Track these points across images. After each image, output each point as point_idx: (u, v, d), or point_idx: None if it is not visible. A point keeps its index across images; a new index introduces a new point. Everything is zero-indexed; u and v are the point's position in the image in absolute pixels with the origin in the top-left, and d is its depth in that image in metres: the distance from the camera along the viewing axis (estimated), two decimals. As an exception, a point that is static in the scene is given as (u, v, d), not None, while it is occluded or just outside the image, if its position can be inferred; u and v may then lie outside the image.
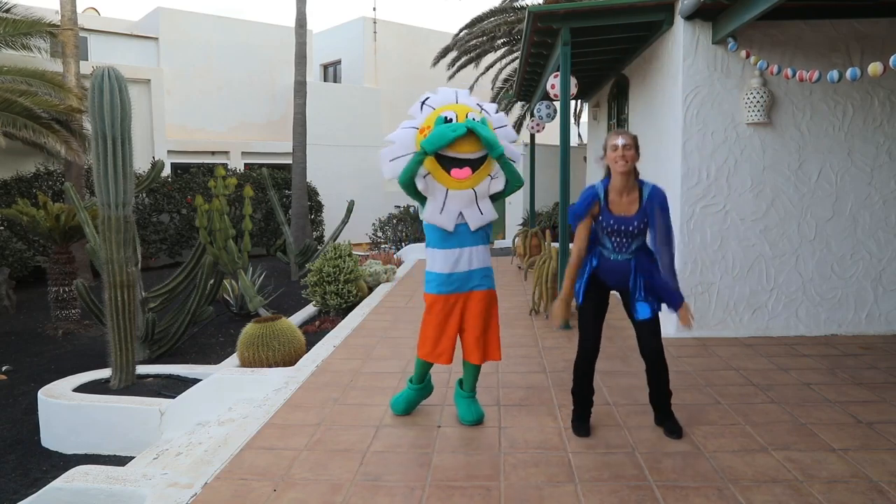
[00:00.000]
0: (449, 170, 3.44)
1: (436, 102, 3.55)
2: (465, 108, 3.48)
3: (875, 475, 3.01)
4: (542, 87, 8.66)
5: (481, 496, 2.89)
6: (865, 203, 5.59)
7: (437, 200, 3.49)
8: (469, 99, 3.60)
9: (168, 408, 4.67)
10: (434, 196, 3.49)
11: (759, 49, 5.37)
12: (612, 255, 3.39)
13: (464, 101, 3.56)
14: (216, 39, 16.61)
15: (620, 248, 3.37)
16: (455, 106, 3.49)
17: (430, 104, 3.55)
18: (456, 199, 3.48)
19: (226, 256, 9.34)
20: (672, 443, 3.41)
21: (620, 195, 3.32)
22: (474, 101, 3.59)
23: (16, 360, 7.30)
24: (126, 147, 5.51)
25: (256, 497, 2.93)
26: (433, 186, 3.49)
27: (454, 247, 3.53)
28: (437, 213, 3.49)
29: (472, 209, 3.52)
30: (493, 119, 3.58)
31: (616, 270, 3.40)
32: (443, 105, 3.52)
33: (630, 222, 3.30)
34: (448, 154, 3.41)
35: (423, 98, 3.60)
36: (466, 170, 3.44)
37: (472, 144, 3.40)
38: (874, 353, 5.07)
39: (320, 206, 16.25)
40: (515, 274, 9.77)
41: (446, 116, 3.41)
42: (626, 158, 3.23)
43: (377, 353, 5.33)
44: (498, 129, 3.57)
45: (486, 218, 3.57)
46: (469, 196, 3.49)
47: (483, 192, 3.54)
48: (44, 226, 8.64)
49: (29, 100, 9.99)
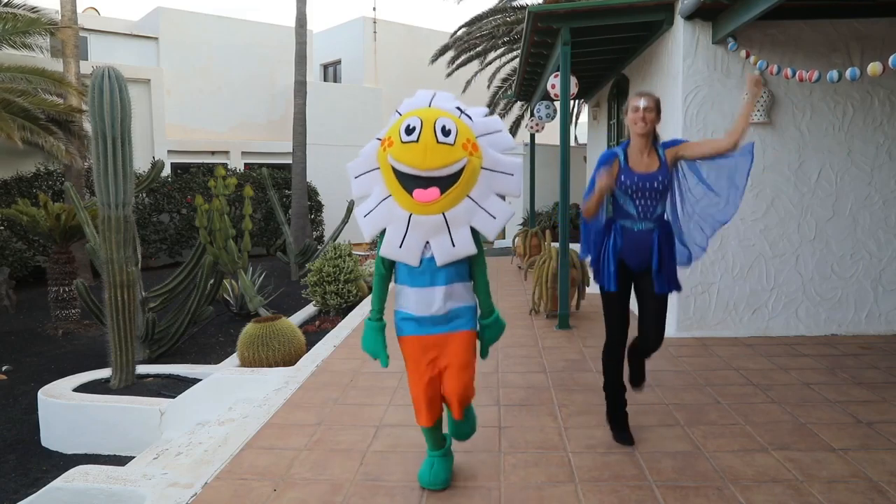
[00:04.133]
0: (411, 190, 2.68)
1: (405, 108, 2.82)
2: (436, 112, 2.72)
3: (875, 475, 3.01)
4: (542, 87, 8.67)
5: (481, 496, 2.89)
6: (865, 203, 5.59)
7: (398, 229, 2.75)
8: (448, 102, 2.85)
9: (168, 408, 4.67)
10: (394, 223, 2.76)
11: (759, 49, 5.37)
12: (637, 225, 3.28)
13: (439, 105, 2.81)
14: (216, 39, 16.60)
15: (645, 213, 3.26)
16: (422, 111, 2.74)
17: (400, 110, 2.84)
18: (421, 227, 2.73)
19: (226, 256, 9.33)
20: (672, 443, 3.41)
21: (640, 155, 3.29)
22: (454, 105, 2.83)
23: (16, 360, 7.30)
24: (126, 147, 5.51)
25: (256, 497, 2.93)
26: (392, 209, 2.76)
27: (426, 285, 2.82)
28: (396, 247, 2.76)
29: (442, 238, 2.75)
30: (477, 126, 2.81)
31: (640, 246, 3.28)
32: (410, 110, 2.79)
33: (654, 178, 3.24)
34: (405, 170, 2.67)
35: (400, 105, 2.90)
36: (433, 190, 2.66)
37: (437, 156, 2.62)
38: (874, 353, 5.07)
39: (320, 206, 16.25)
40: (515, 274, 9.77)
41: (408, 125, 2.67)
42: (645, 120, 3.21)
43: (377, 353, 5.33)
44: (483, 137, 2.81)
45: (460, 251, 2.77)
46: (437, 222, 2.72)
47: (460, 218, 2.75)
48: (44, 226, 8.64)
49: (28, 100, 9.98)
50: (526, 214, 12.98)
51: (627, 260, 3.33)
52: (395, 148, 2.69)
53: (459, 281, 2.87)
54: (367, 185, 2.86)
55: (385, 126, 2.88)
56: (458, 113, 2.79)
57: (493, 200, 2.82)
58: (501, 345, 5.49)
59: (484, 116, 2.90)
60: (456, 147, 2.66)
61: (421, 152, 2.63)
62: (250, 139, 17.05)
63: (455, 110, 2.80)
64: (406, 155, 2.66)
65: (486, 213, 2.80)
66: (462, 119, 2.77)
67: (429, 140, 2.63)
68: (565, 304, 6.11)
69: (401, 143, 2.67)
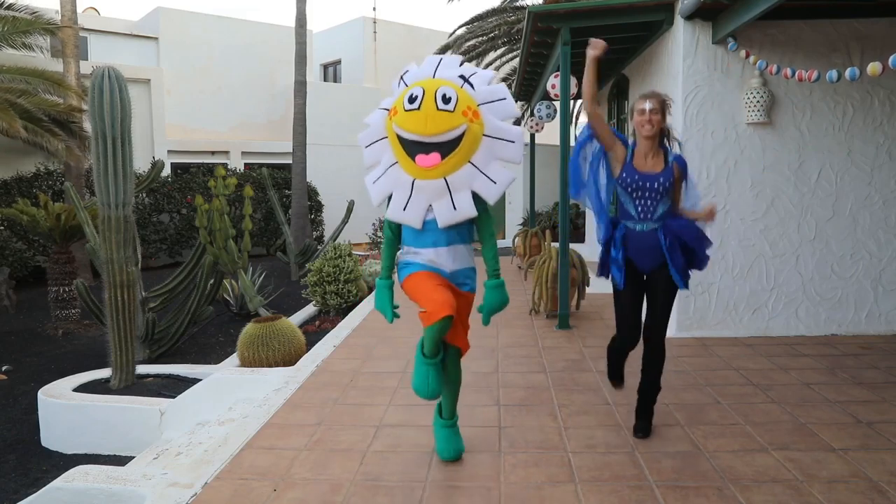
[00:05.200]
0: (414, 155, 2.85)
1: (411, 77, 2.99)
2: (438, 82, 2.86)
3: (875, 475, 3.01)
4: (542, 87, 8.66)
5: (481, 496, 2.89)
6: (865, 203, 5.59)
7: (403, 193, 2.93)
8: (452, 69, 2.98)
9: (168, 408, 4.68)
10: (399, 187, 2.94)
11: (759, 49, 5.37)
12: (638, 226, 3.30)
13: (443, 73, 2.95)
14: (216, 39, 16.60)
15: (646, 214, 3.27)
16: (426, 81, 2.89)
17: (405, 79, 3.00)
18: (424, 191, 2.89)
19: (226, 256, 9.33)
20: (672, 443, 3.41)
21: (646, 158, 3.31)
22: (457, 73, 2.96)
23: (16, 360, 7.30)
24: (126, 147, 5.51)
25: (256, 497, 2.93)
26: (398, 175, 2.94)
27: (429, 246, 3.00)
28: (401, 210, 2.94)
29: (444, 202, 2.90)
30: (480, 94, 2.93)
31: (645, 246, 3.29)
32: (416, 80, 2.95)
33: (656, 178, 3.25)
34: (407, 137, 2.84)
35: (404, 71, 3.06)
36: (434, 155, 2.82)
37: (437, 122, 2.77)
38: (874, 353, 5.07)
39: (320, 206, 16.24)
40: (515, 274, 9.77)
41: (411, 95, 2.83)
42: (652, 123, 3.24)
43: (377, 353, 5.33)
44: (486, 105, 2.92)
45: (461, 214, 2.92)
46: (439, 186, 2.88)
47: (461, 182, 2.90)
48: (44, 226, 8.64)
49: (29, 101, 9.98)
50: (526, 214, 12.98)
51: (635, 260, 3.36)
52: (399, 116, 2.87)
53: (461, 242, 3.05)
54: (376, 154, 3.06)
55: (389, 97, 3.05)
56: (460, 82, 2.93)
57: (495, 166, 2.96)
58: (501, 345, 5.49)
59: (489, 83, 3.00)
60: (456, 114, 2.80)
61: (422, 119, 2.79)
62: (250, 139, 17.05)
63: (458, 79, 2.94)
64: (409, 122, 2.82)
65: (486, 178, 2.94)
66: (465, 88, 2.91)
67: (429, 107, 2.79)
68: (565, 304, 6.11)
69: (404, 112, 2.84)
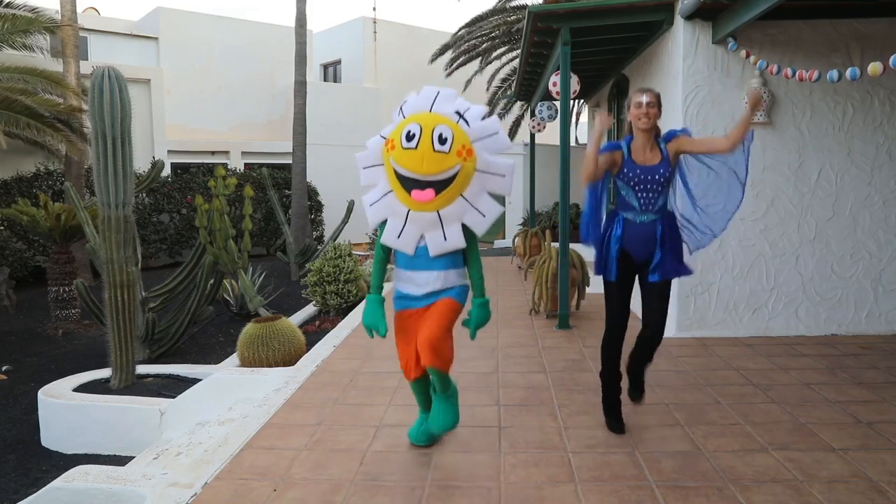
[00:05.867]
0: (409, 190, 2.99)
1: (409, 108, 3.10)
2: (435, 120, 2.96)
3: (875, 475, 3.01)
4: (543, 87, 8.66)
5: (481, 496, 2.89)
6: (865, 203, 5.59)
7: (397, 221, 3.08)
8: (449, 104, 3.07)
9: (168, 408, 4.67)
10: (394, 216, 3.09)
11: (759, 49, 5.37)
12: (639, 217, 3.35)
13: (440, 109, 3.04)
14: (216, 39, 16.60)
15: (647, 206, 3.33)
16: (422, 117, 3.00)
17: (404, 110, 3.12)
18: (417, 222, 3.06)
19: (226, 256, 9.33)
20: (672, 443, 3.41)
21: (643, 150, 3.36)
22: (454, 107, 3.06)
23: (16, 360, 7.30)
24: (126, 147, 5.51)
25: (256, 497, 2.93)
26: (393, 204, 3.09)
27: (421, 269, 3.14)
28: (395, 237, 3.11)
29: (435, 233, 3.06)
30: (473, 131, 3.03)
31: (642, 237, 3.35)
32: (414, 112, 3.06)
33: (656, 170, 3.31)
34: (404, 174, 2.97)
35: (403, 101, 3.16)
36: (429, 191, 2.96)
37: (433, 163, 2.90)
38: (874, 353, 5.07)
39: (320, 206, 16.24)
40: (515, 274, 9.77)
41: (409, 132, 2.95)
42: (648, 116, 3.29)
43: (377, 353, 5.33)
44: (479, 142, 3.03)
45: (451, 245, 3.07)
46: (432, 219, 3.04)
47: (453, 216, 3.05)
48: (44, 225, 8.64)
49: (30, 99, 9.99)
50: (526, 214, 12.98)
51: (631, 251, 3.39)
52: (396, 152, 2.99)
53: (454, 268, 3.18)
54: (373, 177, 3.21)
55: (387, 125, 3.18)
56: (456, 118, 3.03)
57: (485, 199, 3.13)
58: (501, 345, 5.49)
59: (482, 118, 3.11)
60: (451, 154, 2.94)
61: (419, 159, 2.92)
62: (250, 139, 17.05)
63: (454, 115, 3.04)
64: (405, 160, 2.95)
65: (477, 211, 3.12)
66: (460, 124, 3.02)
67: (426, 148, 2.92)
68: (565, 304, 6.11)
69: (401, 149, 2.96)
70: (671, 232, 3.39)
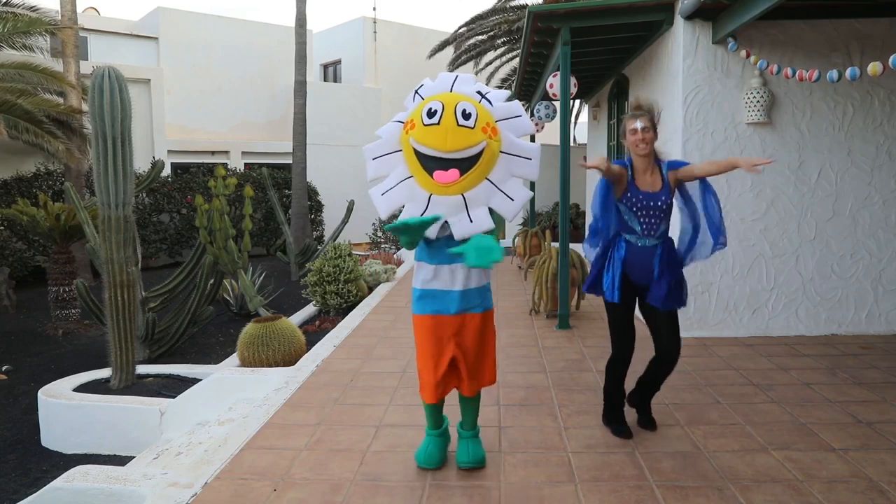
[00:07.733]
0: (431, 171, 2.83)
1: (427, 91, 2.97)
2: (457, 97, 2.85)
3: (875, 475, 3.01)
4: (542, 87, 8.66)
5: (481, 496, 2.89)
6: (865, 203, 5.59)
7: (418, 207, 2.89)
8: (469, 85, 2.98)
9: (168, 408, 4.67)
10: (414, 201, 2.90)
11: (759, 49, 5.37)
12: (641, 241, 3.33)
13: (460, 89, 2.94)
14: (216, 39, 16.60)
15: (649, 231, 3.31)
16: (444, 95, 2.87)
17: (421, 93, 2.98)
18: (440, 207, 2.86)
19: (226, 256, 9.33)
20: (672, 443, 3.41)
21: (644, 174, 3.34)
22: (474, 88, 2.96)
23: (16, 360, 7.29)
24: (126, 147, 5.51)
25: (256, 497, 2.93)
26: (412, 189, 2.91)
27: (443, 262, 2.94)
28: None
29: (460, 216, 2.87)
30: (497, 110, 2.93)
31: (643, 261, 3.32)
32: (433, 94, 2.92)
33: (658, 197, 3.29)
34: (426, 152, 2.81)
35: (419, 86, 3.05)
36: (453, 172, 2.79)
37: (457, 138, 2.74)
38: (874, 353, 5.07)
39: (320, 206, 16.25)
40: (515, 274, 9.77)
41: (430, 108, 2.79)
42: (645, 141, 3.26)
43: (377, 353, 5.33)
44: (503, 122, 2.92)
45: (477, 227, 2.87)
46: (456, 203, 2.85)
47: (478, 199, 2.88)
48: (44, 226, 8.64)
49: (29, 101, 9.97)
50: (526, 214, 12.98)
51: (630, 273, 3.37)
52: (416, 130, 2.82)
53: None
54: (384, 167, 3.00)
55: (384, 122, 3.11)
56: (478, 97, 2.91)
57: (513, 183, 2.95)
58: (501, 345, 5.48)
59: (504, 101, 3.00)
60: (476, 130, 2.78)
61: (442, 134, 2.75)
62: (250, 139, 17.05)
63: (476, 94, 2.92)
64: (427, 137, 2.78)
65: (504, 194, 2.93)
66: (482, 104, 2.90)
67: (449, 123, 2.75)
68: (565, 304, 6.11)
69: (423, 126, 2.79)
70: (670, 257, 3.36)
